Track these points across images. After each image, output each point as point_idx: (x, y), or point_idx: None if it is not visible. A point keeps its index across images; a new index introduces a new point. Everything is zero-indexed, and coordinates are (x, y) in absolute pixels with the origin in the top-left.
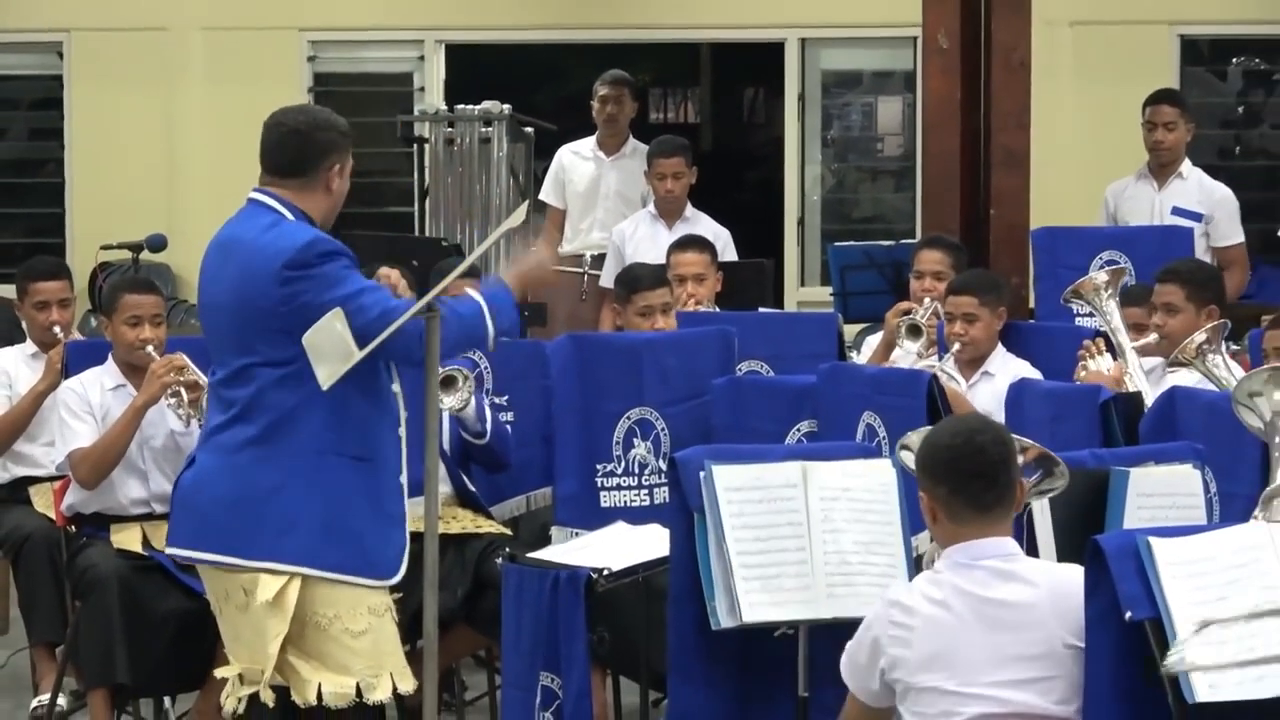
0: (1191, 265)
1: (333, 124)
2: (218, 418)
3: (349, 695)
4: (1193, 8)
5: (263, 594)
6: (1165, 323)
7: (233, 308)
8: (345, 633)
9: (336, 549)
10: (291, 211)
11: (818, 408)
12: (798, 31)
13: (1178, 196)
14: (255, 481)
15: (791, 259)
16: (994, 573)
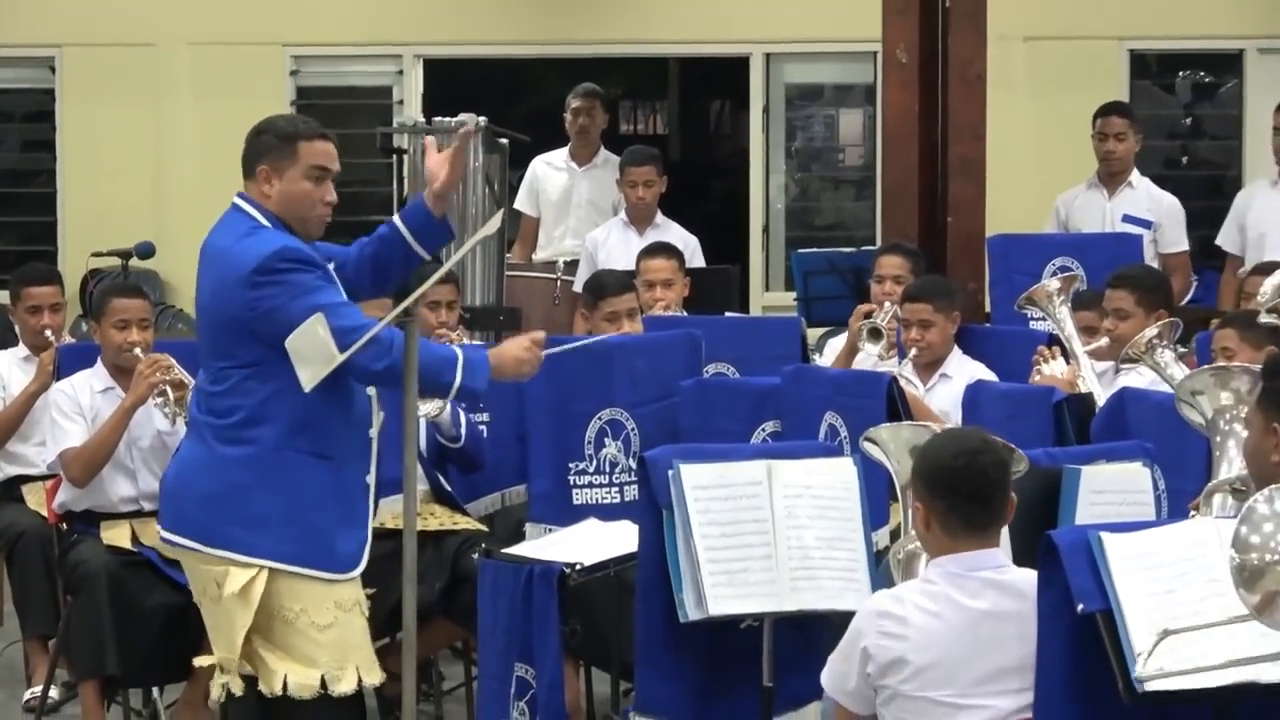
0: (1141, 271)
1: (270, 128)
2: (198, 414)
3: (314, 687)
4: (1141, 23)
5: (230, 586)
6: (1116, 327)
7: (210, 311)
8: (311, 626)
9: (297, 543)
10: (263, 214)
11: (781, 408)
12: (762, 47)
13: (1128, 205)
14: (227, 477)
15: (756, 265)
16: (987, 584)
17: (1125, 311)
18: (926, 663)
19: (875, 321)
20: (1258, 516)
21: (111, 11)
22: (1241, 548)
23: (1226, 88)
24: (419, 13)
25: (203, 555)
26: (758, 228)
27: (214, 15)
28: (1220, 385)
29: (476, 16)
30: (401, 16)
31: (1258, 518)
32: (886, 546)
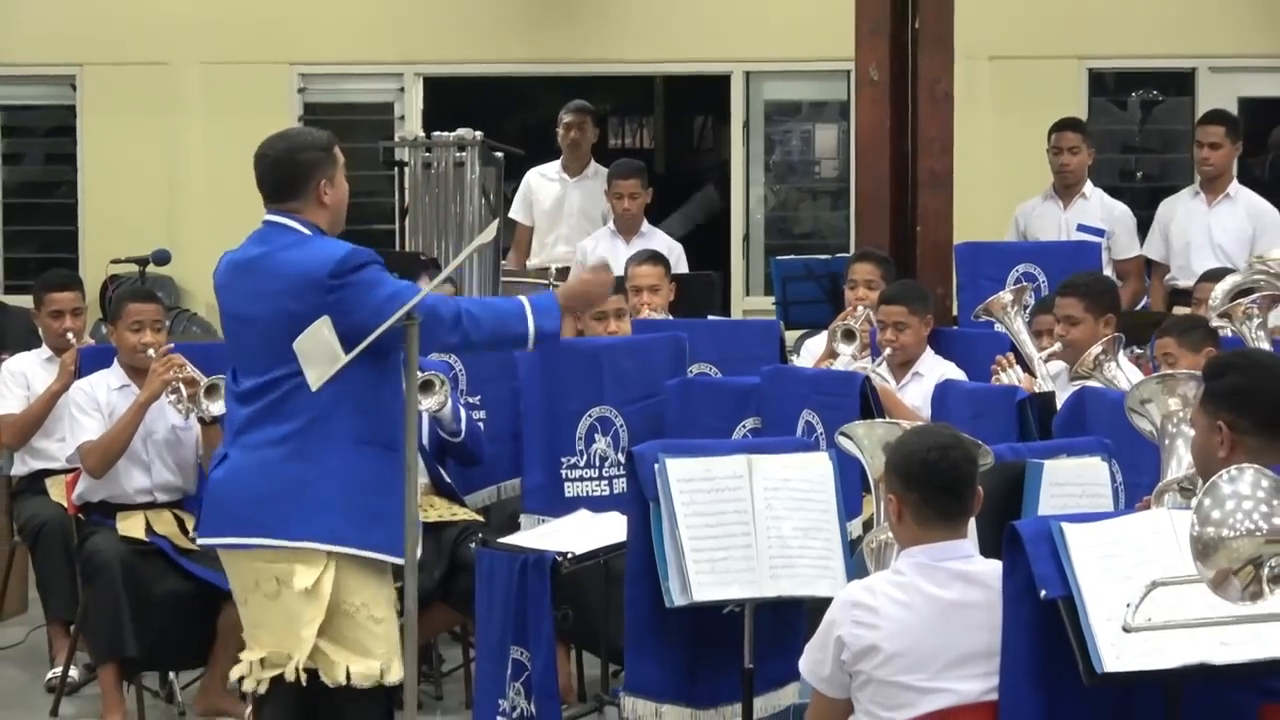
0: (1089, 279)
1: (310, 143)
2: (244, 419)
3: (374, 676)
4: (1100, 44)
5: (299, 583)
6: (1068, 332)
7: (267, 320)
8: (370, 619)
9: (366, 530)
10: (308, 228)
11: (761, 406)
12: (743, 65)
13: (1082, 214)
14: (287, 476)
15: (737, 271)
16: (953, 574)
17: (1075, 318)
18: (897, 650)
19: (848, 323)
20: (1220, 493)
21: (128, 33)
22: (1202, 520)
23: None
24: (419, 33)
25: (262, 552)
26: (738, 236)
27: (225, 36)
28: (1167, 392)
29: (473, 36)
30: (403, 37)
31: (1220, 495)
32: (859, 536)
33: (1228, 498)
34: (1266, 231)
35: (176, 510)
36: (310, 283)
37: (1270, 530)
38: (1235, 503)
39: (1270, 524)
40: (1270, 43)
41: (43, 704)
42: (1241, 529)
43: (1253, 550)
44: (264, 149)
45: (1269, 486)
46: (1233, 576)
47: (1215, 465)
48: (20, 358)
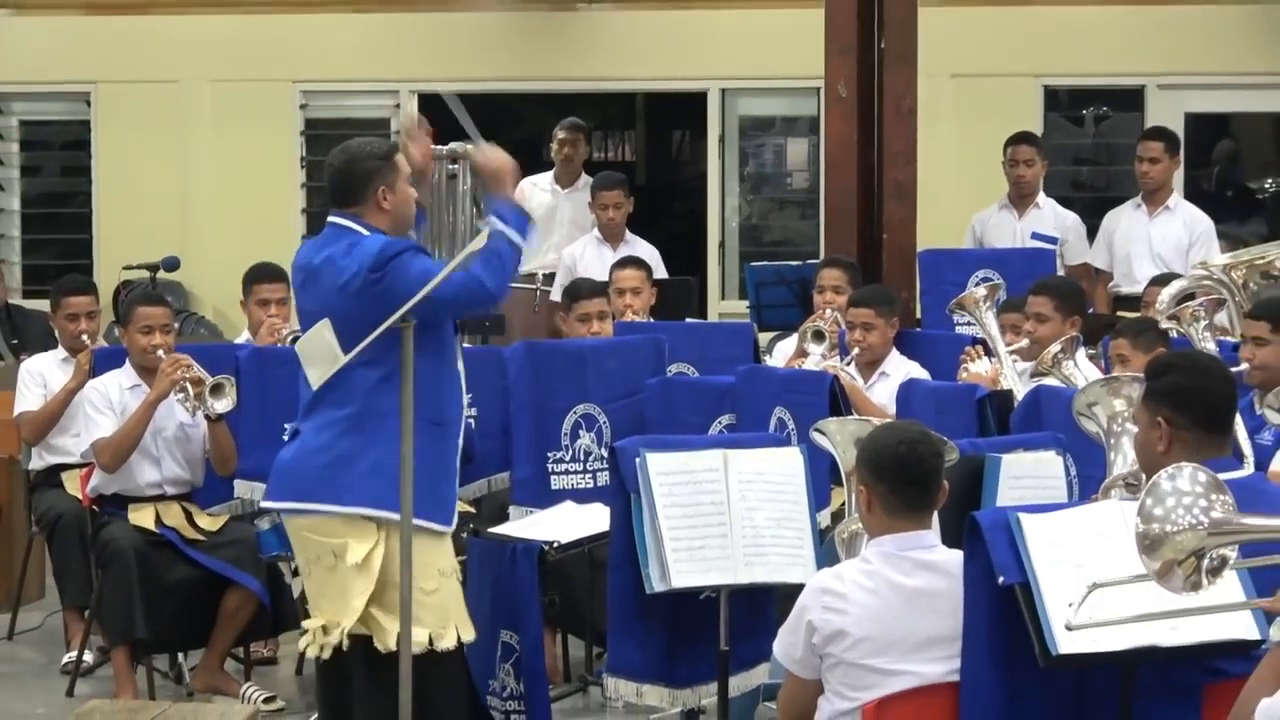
0: (1060, 281)
1: (370, 153)
2: (310, 401)
3: (423, 643)
4: (1054, 62)
5: (351, 557)
6: (1036, 329)
7: (331, 318)
8: (419, 590)
9: (414, 498)
10: (367, 229)
11: (736, 404)
12: (719, 83)
13: (1036, 223)
14: (342, 449)
15: (714, 277)
16: (917, 563)
17: (1045, 316)
18: (865, 634)
19: (818, 324)
20: (1161, 491)
21: (141, 52)
22: (1145, 517)
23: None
24: (414, 52)
25: (320, 525)
26: (715, 243)
27: (232, 55)
28: (1112, 394)
29: (465, 55)
30: (398, 55)
31: (1161, 492)
32: (828, 526)
33: (1169, 494)
34: (1201, 241)
35: (184, 503)
36: (359, 283)
37: (1211, 524)
38: (1176, 499)
39: (1210, 518)
40: (1215, 61)
41: (59, 685)
42: (1184, 523)
43: (1196, 543)
44: (329, 160)
45: (1206, 482)
46: (1177, 568)
47: (1155, 459)
48: (38, 358)
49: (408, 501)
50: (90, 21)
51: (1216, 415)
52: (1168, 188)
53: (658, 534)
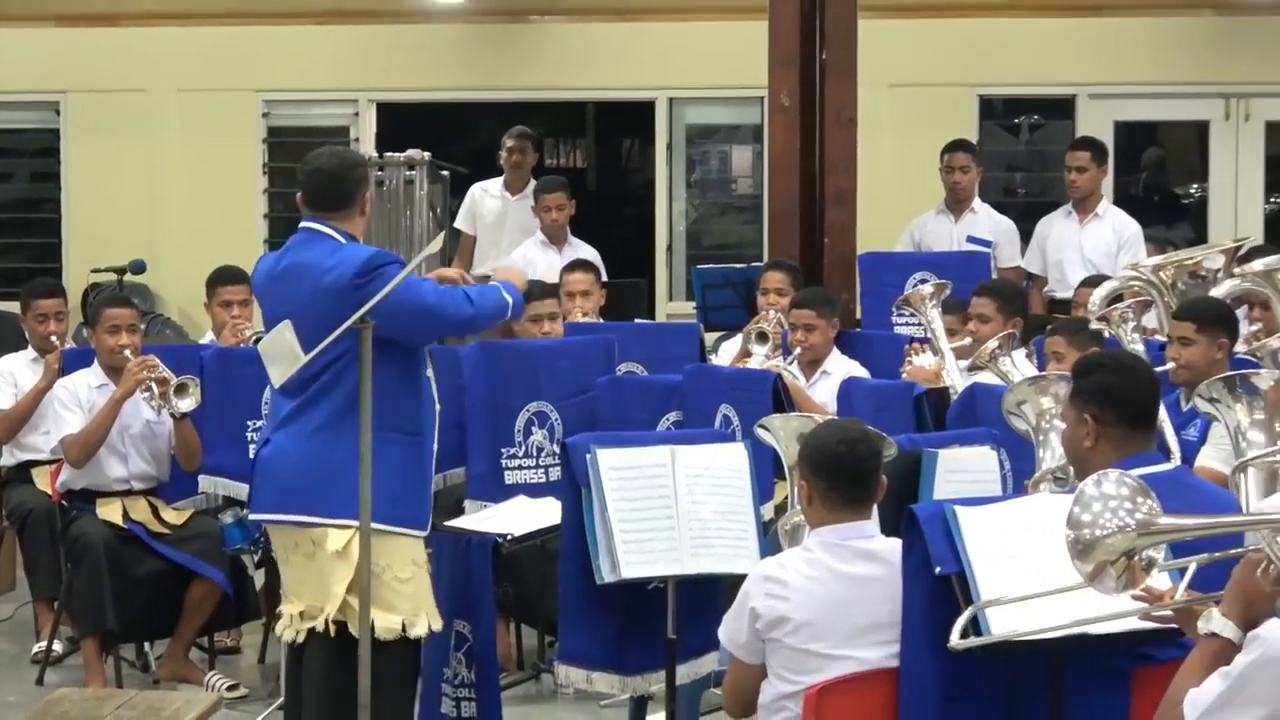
0: (1002, 284)
1: (359, 161)
2: (287, 408)
3: (396, 630)
4: (990, 73)
5: (331, 545)
6: (979, 329)
7: (303, 321)
8: (395, 579)
9: (390, 507)
10: (343, 236)
11: (683, 401)
12: (666, 92)
13: (971, 227)
14: (325, 460)
15: (662, 279)
16: (857, 552)
17: (987, 317)
18: (806, 620)
19: (762, 326)
20: (1087, 498)
21: (109, 62)
22: (1074, 525)
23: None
24: (372, 63)
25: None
26: (662, 247)
27: (198, 65)
28: (1039, 393)
29: (422, 66)
30: (357, 67)
31: (1087, 498)
32: (772, 519)
33: (1095, 499)
34: (1129, 245)
35: (150, 497)
36: (341, 286)
37: (1139, 524)
38: (1103, 504)
39: (1137, 519)
40: (1143, 72)
41: (30, 674)
42: (1113, 526)
43: (1126, 544)
44: (318, 164)
45: (1132, 486)
46: (1109, 568)
47: (1083, 454)
48: (8, 358)
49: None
50: (60, 33)
51: (1140, 412)
52: (1096, 195)
53: (608, 527)
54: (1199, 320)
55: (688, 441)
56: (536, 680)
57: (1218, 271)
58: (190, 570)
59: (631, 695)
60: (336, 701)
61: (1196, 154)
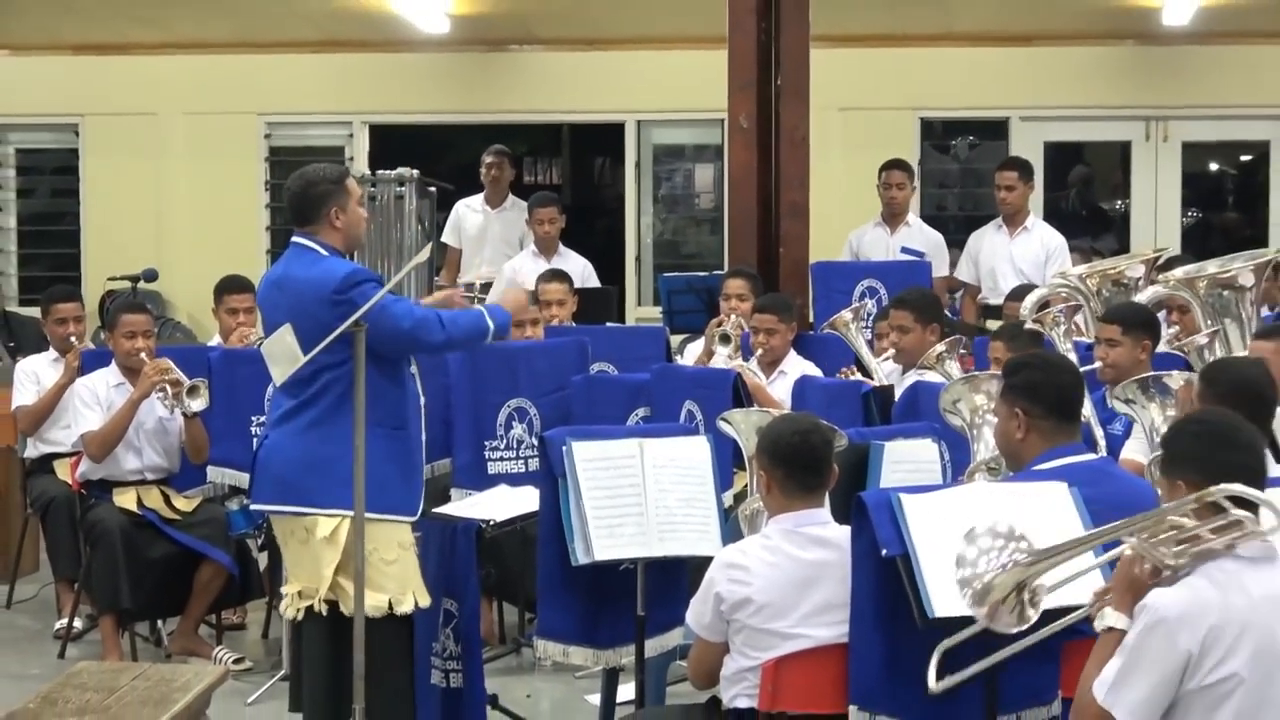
0: (917, 294)
1: (323, 177)
2: (285, 407)
3: (383, 608)
4: (930, 97)
5: (321, 532)
6: (900, 340)
7: (296, 324)
8: (381, 561)
9: (378, 496)
10: (324, 248)
11: (650, 398)
12: (634, 115)
13: (905, 239)
14: (321, 452)
15: (631, 286)
16: (811, 539)
17: (906, 327)
18: (766, 601)
19: (725, 328)
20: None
21: (123, 88)
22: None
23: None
24: (365, 88)
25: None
26: (632, 257)
27: (204, 90)
28: (973, 391)
29: (411, 91)
30: (351, 91)
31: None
32: (732, 505)
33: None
34: (1055, 256)
35: (163, 487)
36: (320, 297)
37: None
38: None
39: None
40: (1071, 96)
41: (52, 648)
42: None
43: (1015, 578)
44: (288, 183)
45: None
46: (1000, 606)
47: (1015, 445)
48: (32, 359)
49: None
50: (78, 61)
51: (1065, 405)
52: (1024, 210)
53: (582, 513)
54: (1124, 323)
55: (655, 435)
56: (517, 654)
57: (1139, 279)
58: (199, 553)
59: (604, 667)
60: (333, 674)
61: (1120, 172)
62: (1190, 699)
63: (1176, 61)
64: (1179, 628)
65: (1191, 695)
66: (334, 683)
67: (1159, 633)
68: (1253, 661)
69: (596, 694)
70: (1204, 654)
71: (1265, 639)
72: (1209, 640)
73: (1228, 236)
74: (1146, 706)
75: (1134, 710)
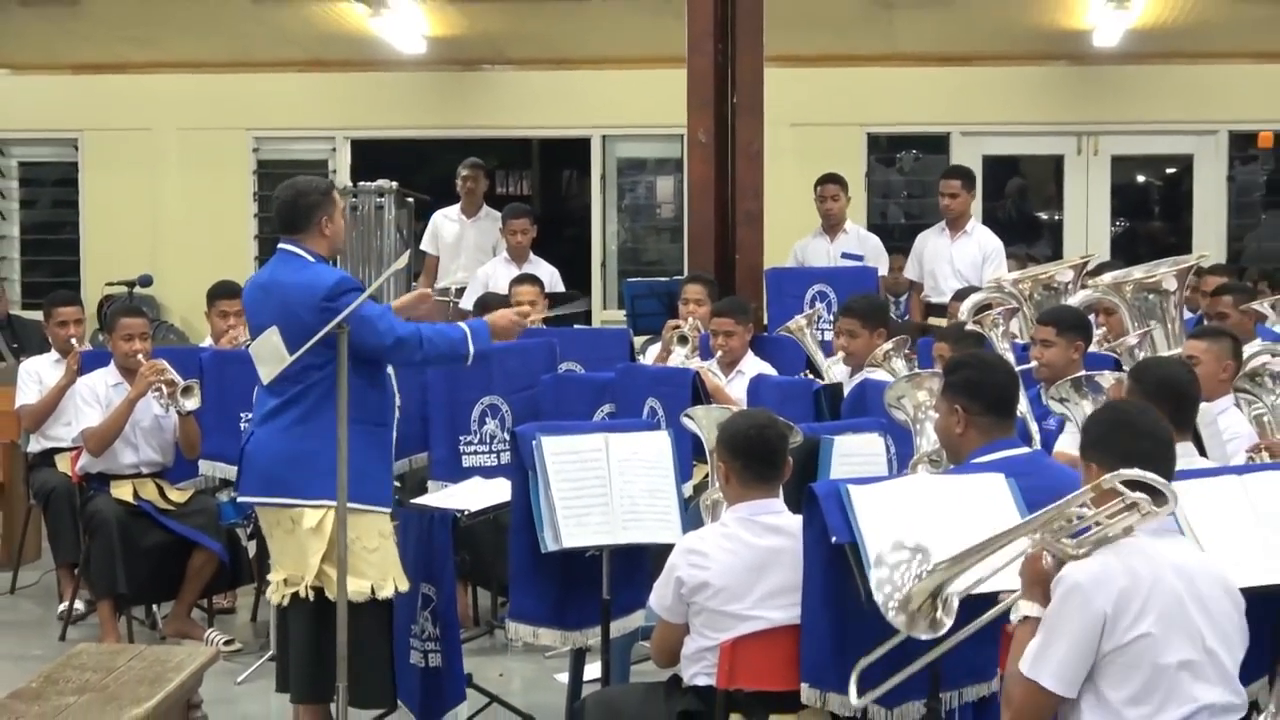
0: (863, 301)
1: (312, 188)
2: (270, 405)
3: (365, 593)
4: (876, 114)
5: (306, 523)
6: (849, 344)
7: (282, 326)
8: (363, 550)
9: (359, 487)
10: (311, 254)
11: (615, 396)
12: (600, 130)
13: (844, 245)
14: (304, 447)
15: (597, 291)
16: (766, 526)
17: (854, 332)
18: (723, 585)
19: (683, 330)
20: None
21: (119, 105)
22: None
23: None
24: (347, 105)
25: (284, 505)
26: (598, 263)
27: (196, 107)
28: (915, 388)
29: (389, 108)
30: (334, 108)
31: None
32: (691, 495)
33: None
34: (992, 258)
35: (157, 479)
36: (308, 303)
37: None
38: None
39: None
40: (1007, 113)
41: (54, 631)
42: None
43: (931, 585)
44: (278, 193)
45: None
46: (917, 614)
47: (954, 439)
48: (34, 359)
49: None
50: (77, 80)
51: (1002, 402)
52: (966, 215)
53: (551, 503)
54: (1058, 325)
55: (619, 430)
56: (491, 635)
57: (1069, 284)
58: (192, 541)
59: (572, 647)
60: (317, 655)
61: (1053, 183)
62: (1108, 661)
63: (1106, 81)
64: (1094, 591)
65: (1110, 657)
66: (317, 663)
67: (1075, 599)
68: (1160, 621)
69: (565, 673)
70: (1118, 614)
71: (1170, 599)
72: (1121, 601)
73: (1153, 244)
74: (1068, 668)
75: (1057, 673)
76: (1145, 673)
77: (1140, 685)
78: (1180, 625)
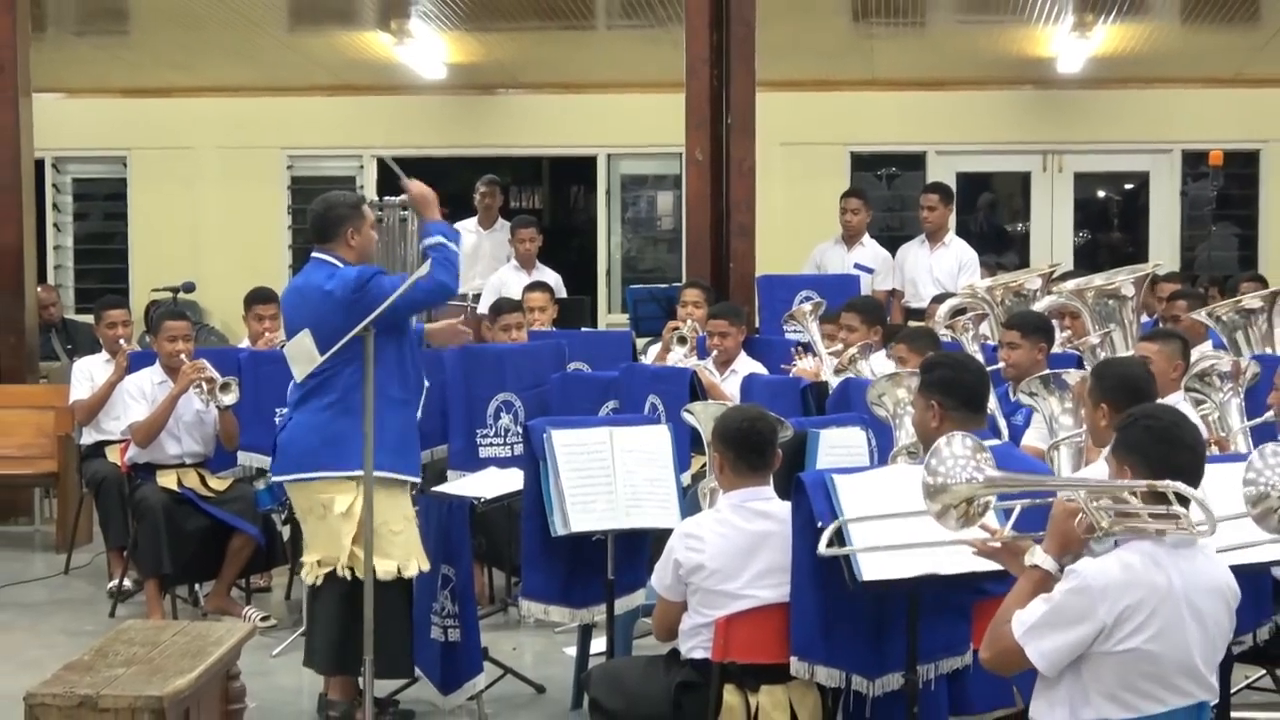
0: (864, 301)
1: (341, 202)
2: (301, 394)
3: (393, 572)
4: (858, 134)
5: (338, 508)
6: (848, 338)
7: (315, 327)
8: (390, 532)
9: (391, 457)
10: (340, 262)
11: (619, 393)
12: (605, 149)
13: (859, 256)
14: (332, 426)
15: (602, 296)
16: (757, 512)
17: (854, 327)
18: (718, 567)
19: (682, 331)
20: (942, 454)
21: (165, 125)
22: (931, 472)
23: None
24: (373, 126)
25: (314, 484)
26: (603, 271)
27: (234, 127)
28: (895, 387)
29: (411, 128)
30: (362, 128)
31: (942, 455)
32: (689, 484)
33: (947, 456)
34: (968, 268)
35: (199, 469)
36: (340, 300)
37: (984, 480)
38: (953, 460)
39: (980, 475)
40: (979, 133)
41: (104, 607)
42: (960, 478)
43: (968, 493)
44: (312, 206)
45: (972, 447)
46: (951, 510)
47: (930, 433)
48: (86, 359)
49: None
50: (126, 103)
51: (974, 397)
52: (944, 228)
53: (560, 491)
54: (1023, 329)
55: (622, 424)
56: (505, 612)
57: (1036, 290)
58: (231, 526)
59: (579, 624)
60: (343, 630)
61: (1021, 198)
62: (1096, 657)
63: (1069, 104)
64: (1100, 600)
65: (1098, 655)
66: (344, 638)
67: (1081, 600)
68: (1155, 639)
69: (573, 646)
70: (1116, 627)
71: (1170, 619)
72: (1123, 616)
73: (1113, 253)
74: (1056, 655)
75: (1045, 655)
76: (1126, 677)
77: (1119, 684)
78: (1173, 643)
